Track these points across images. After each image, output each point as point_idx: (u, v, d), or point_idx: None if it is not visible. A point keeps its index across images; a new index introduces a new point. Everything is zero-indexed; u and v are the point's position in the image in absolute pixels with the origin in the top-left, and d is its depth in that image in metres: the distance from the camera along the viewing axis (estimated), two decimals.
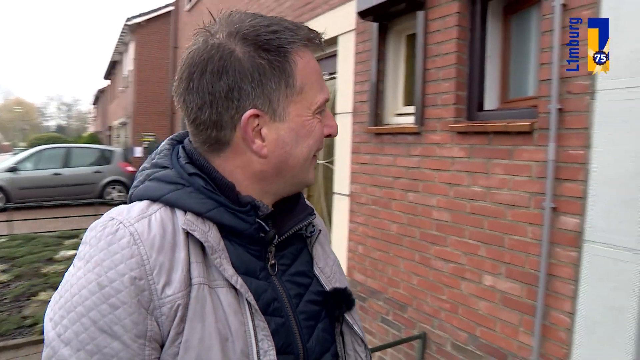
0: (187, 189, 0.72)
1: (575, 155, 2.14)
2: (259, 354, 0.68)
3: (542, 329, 2.29)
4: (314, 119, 0.76)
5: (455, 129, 2.68)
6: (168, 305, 0.65)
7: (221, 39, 0.70)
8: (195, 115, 0.72)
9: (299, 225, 0.81)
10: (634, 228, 1.94)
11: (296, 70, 0.72)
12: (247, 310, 0.69)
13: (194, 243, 0.69)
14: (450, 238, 2.76)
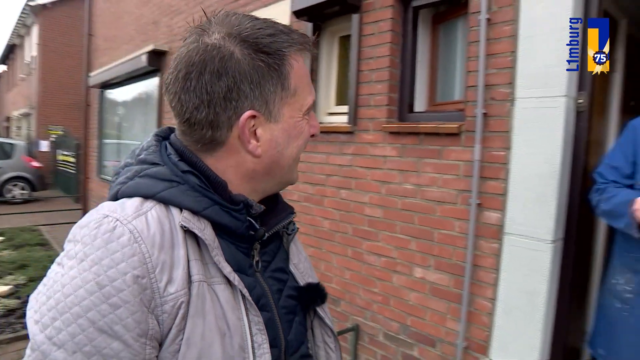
0: (182, 187, 0.72)
1: (497, 156, 2.36)
2: (253, 348, 0.70)
3: (468, 315, 2.49)
4: (303, 120, 0.79)
5: (387, 129, 2.82)
6: (171, 303, 0.65)
7: (219, 40, 0.71)
8: (191, 115, 0.72)
9: (282, 223, 0.84)
10: (546, 221, 2.18)
11: (292, 73, 0.74)
12: (242, 305, 0.71)
13: (191, 240, 0.70)
14: (382, 233, 2.90)
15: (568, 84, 2.12)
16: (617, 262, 1.98)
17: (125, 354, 0.61)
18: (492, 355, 2.40)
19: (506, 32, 2.32)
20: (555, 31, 2.14)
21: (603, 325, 2.03)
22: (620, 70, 2.73)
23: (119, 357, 0.61)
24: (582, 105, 2.18)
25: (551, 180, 2.16)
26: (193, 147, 0.76)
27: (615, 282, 1.96)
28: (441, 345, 2.62)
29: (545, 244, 2.19)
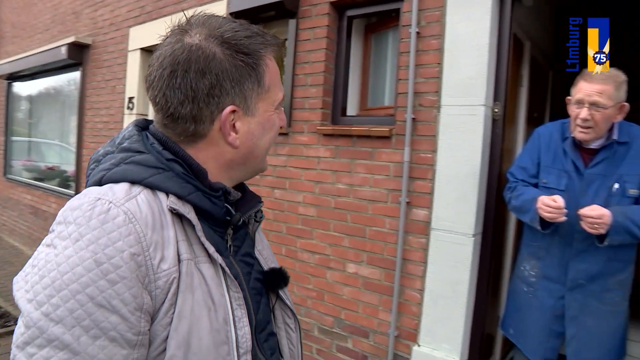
0: (167, 173, 0.77)
1: (425, 157, 2.57)
2: (234, 321, 0.78)
3: (398, 305, 2.68)
4: (274, 114, 0.88)
5: (321, 131, 2.94)
6: (164, 279, 0.70)
7: (202, 41, 0.77)
8: (175, 109, 0.78)
9: (253, 210, 0.93)
10: (468, 217, 2.43)
11: (267, 72, 0.83)
12: (224, 282, 0.79)
13: (178, 223, 0.76)
14: (316, 231, 3.02)
15: (486, 94, 2.38)
16: (525, 251, 2.26)
17: (122, 327, 0.66)
18: (420, 342, 2.60)
19: (433, 46, 2.54)
20: (475, 48, 2.39)
21: (512, 307, 2.31)
22: (526, 85, 3.08)
23: (116, 330, 0.65)
24: (497, 114, 2.46)
25: (472, 180, 2.41)
26: (175, 139, 0.81)
27: (523, 268, 2.23)
28: (374, 335, 2.79)
29: (467, 237, 2.43)
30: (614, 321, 2.09)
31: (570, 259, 2.04)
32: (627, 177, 1.96)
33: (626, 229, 1.86)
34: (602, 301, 2.05)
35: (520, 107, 3.07)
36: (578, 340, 2.08)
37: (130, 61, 4.66)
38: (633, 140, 1.99)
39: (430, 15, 2.54)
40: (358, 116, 3.04)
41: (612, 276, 2.03)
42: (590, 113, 1.90)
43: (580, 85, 1.94)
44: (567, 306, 2.08)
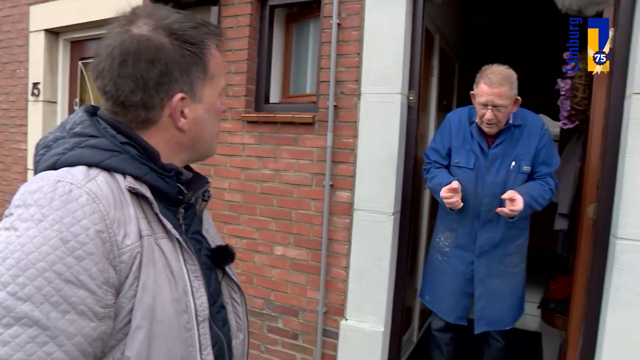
0: (123, 156, 0.82)
1: (346, 142, 2.72)
2: (193, 292, 0.84)
3: (325, 283, 2.83)
4: (218, 100, 0.94)
5: (246, 118, 2.99)
6: (128, 254, 0.75)
7: (150, 32, 0.82)
8: (126, 98, 0.82)
9: (202, 189, 0.98)
10: (387, 198, 2.62)
11: (212, 60, 0.89)
12: (181, 256, 0.85)
13: (136, 202, 0.81)
14: (243, 217, 3.08)
15: (402, 83, 2.57)
16: (440, 224, 2.51)
17: (90, 300, 0.70)
18: (348, 316, 2.78)
19: (353, 37, 2.69)
20: (391, 39, 2.57)
21: (429, 276, 2.56)
22: (436, 75, 3.34)
23: (85, 304, 0.70)
24: (412, 101, 2.66)
25: (390, 163, 2.60)
26: (127, 125, 0.86)
27: (438, 240, 2.48)
28: (303, 313, 2.92)
29: (387, 216, 2.63)
30: (514, 281, 2.39)
31: (478, 229, 2.33)
32: (522, 155, 2.28)
33: (529, 205, 2.18)
34: (504, 264, 2.35)
35: (431, 95, 3.33)
36: (484, 299, 2.37)
37: (33, 43, 4.33)
38: (526, 123, 2.31)
39: (350, 7, 2.68)
40: (281, 103, 3.13)
41: (512, 242, 2.34)
42: (494, 114, 2.19)
43: (482, 89, 2.20)
44: (475, 270, 2.36)
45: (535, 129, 2.32)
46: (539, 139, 2.30)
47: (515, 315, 2.44)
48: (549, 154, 2.32)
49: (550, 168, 2.31)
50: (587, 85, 2.69)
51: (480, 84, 2.22)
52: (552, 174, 2.32)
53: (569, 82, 2.73)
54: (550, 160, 2.32)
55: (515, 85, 2.21)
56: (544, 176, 2.30)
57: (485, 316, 2.38)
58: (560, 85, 2.79)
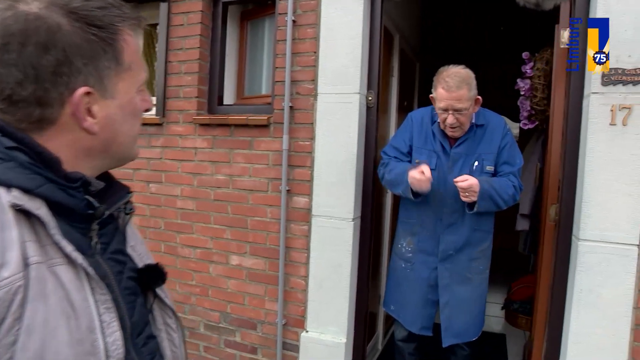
0: (8, 164, 0.66)
1: (303, 145, 2.60)
2: (102, 327, 0.69)
3: (284, 294, 2.69)
4: (137, 96, 0.79)
5: (198, 121, 2.83)
6: (5, 289, 0.59)
7: (42, 10, 0.67)
8: (13, 91, 0.66)
9: (121, 201, 0.83)
10: (346, 202, 2.51)
11: (126, 48, 0.74)
12: (87, 285, 0.69)
13: (24, 221, 0.65)
14: (196, 225, 2.90)
15: (360, 83, 2.47)
16: (401, 228, 2.41)
17: None
18: (308, 327, 2.65)
19: (309, 34, 2.57)
20: (349, 37, 2.47)
21: (392, 284, 2.45)
22: (396, 75, 3.26)
23: None
24: (371, 102, 2.57)
25: (349, 166, 2.49)
26: (16, 126, 0.69)
27: (400, 245, 2.38)
28: (262, 326, 2.77)
29: (347, 222, 2.52)
30: (479, 288, 2.32)
31: (441, 232, 2.24)
32: (485, 155, 2.21)
33: (490, 195, 2.10)
34: (469, 270, 2.27)
35: (391, 96, 3.25)
36: (450, 307, 2.28)
37: None
38: (488, 123, 2.25)
39: (306, 4, 2.56)
40: (235, 105, 2.98)
41: (476, 246, 2.26)
42: (455, 117, 2.11)
43: (440, 94, 2.12)
44: (439, 276, 2.27)
45: (497, 128, 2.26)
46: (501, 138, 2.25)
47: (481, 325, 2.36)
48: (511, 153, 2.26)
49: (512, 167, 2.25)
50: (546, 85, 2.66)
51: (438, 88, 2.14)
52: (516, 173, 2.25)
53: (528, 82, 2.70)
54: (512, 159, 2.26)
55: (474, 85, 2.15)
56: (506, 175, 2.24)
57: (452, 328, 2.29)
58: (519, 85, 2.75)
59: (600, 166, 2.09)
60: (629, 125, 2.06)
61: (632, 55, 2.02)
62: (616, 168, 2.07)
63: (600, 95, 2.08)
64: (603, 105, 2.08)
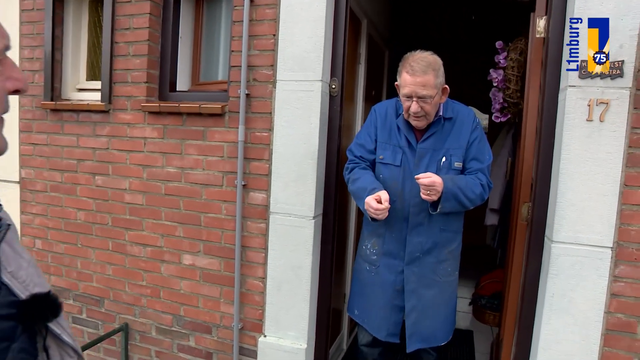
0: None
1: (260, 136, 2.39)
2: None
3: (241, 296, 2.51)
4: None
5: (147, 108, 2.59)
6: None
7: None
8: None
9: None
10: (306, 199, 2.32)
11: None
12: None
13: None
14: (146, 221, 2.68)
15: (323, 69, 2.27)
16: (366, 230, 2.24)
17: None
18: (266, 332, 2.47)
19: (268, 15, 2.35)
20: (311, 20, 2.26)
21: (357, 288, 2.29)
22: (363, 63, 3.07)
23: None
24: (334, 90, 2.37)
25: (310, 160, 2.30)
26: None
27: (365, 247, 2.21)
28: (217, 330, 2.58)
29: (307, 220, 2.34)
30: (447, 291, 2.17)
31: (408, 234, 2.08)
32: (453, 150, 2.05)
33: (454, 195, 1.93)
34: (436, 272, 2.11)
35: (358, 85, 3.06)
36: (417, 311, 2.13)
37: None
38: (457, 116, 2.08)
39: None
40: (190, 92, 2.74)
41: (444, 247, 2.11)
42: (420, 106, 1.93)
43: (404, 78, 1.94)
44: (405, 280, 2.11)
45: (466, 121, 2.09)
46: (470, 131, 2.08)
47: (450, 329, 2.23)
48: (480, 149, 2.10)
49: (482, 164, 2.09)
50: (520, 77, 2.52)
51: (402, 73, 1.96)
52: (485, 170, 2.09)
53: (501, 72, 2.55)
54: (482, 155, 2.09)
55: (442, 72, 1.97)
56: (475, 172, 2.09)
57: (418, 332, 2.14)
58: (492, 76, 2.60)
59: (575, 164, 1.96)
60: (606, 122, 1.93)
61: (611, 48, 1.89)
62: (592, 167, 1.94)
63: (577, 89, 1.95)
64: (580, 100, 1.95)
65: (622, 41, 1.90)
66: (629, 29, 1.88)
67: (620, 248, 1.94)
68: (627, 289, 1.95)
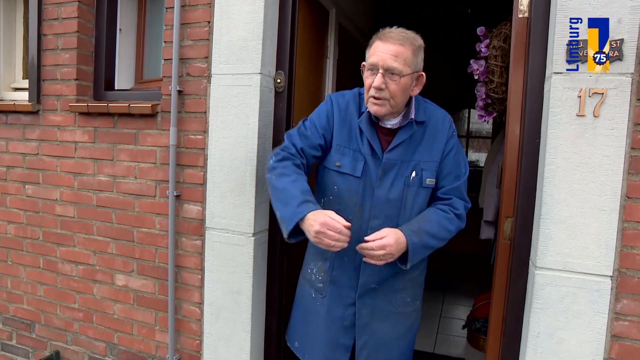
0: None
1: (195, 140, 2.06)
2: None
3: (176, 323, 2.17)
4: None
5: (76, 108, 2.29)
6: None
7: None
8: None
9: None
10: (245, 212, 1.97)
11: None
12: None
13: None
14: (78, 236, 2.37)
15: (263, 61, 1.93)
16: (311, 249, 1.85)
17: None
18: None
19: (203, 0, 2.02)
20: (248, 2, 1.92)
21: (299, 315, 1.89)
22: (332, 57, 2.71)
23: None
24: (280, 85, 2.02)
25: (248, 166, 1.95)
26: None
27: (310, 270, 1.82)
28: None
29: (247, 237, 1.98)
30: (405, 324, 1.77)
31: (362, 261, 1.65)
32: (425, 164, 1.61)
33: (424, 245, 1.55)
34: (392, 302, 1.72)
35: (326, 81, 2.70)
36: (369, 349, 1.73)
37: None
38: (429, 120, 1.64)
39: None
40: (131, 90, 2.43)
41: (406, 274, 1.71)
42: (385, 81, 1.50)
43: (375, 46, 1.52)
44: (357, 314, 1.72)
45: (441, 127, 1.65)
46: (445, 141, 1.64)
47: None
48: (457, 161, 1.67)
49: (458, 180, 1.66)
50: (505, 68, 2.12)
51: (374, 42, 1.54)
52: (462, 188, 1.66)
53: (483, 63, 2.15)
54: (458, 169, 1.66)
55: (421, 55, 1.55)
56: (448, 196, 1.64)
57: None
58: (473, 68, 2.20)
59: (564, 171, 1.57)
60: (601, 117, 1.54)
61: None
62: (584, 174, 1.55)
63: (564, 77, 1.56)
64: (568, 90, 1.56)
65: (621, 14, 1.50)
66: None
67: (623, 277, 1.53)
68: (633, 329, 1.53)
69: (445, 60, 5.09)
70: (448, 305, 4.07)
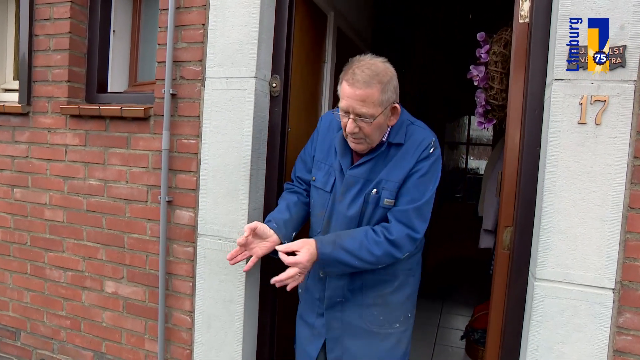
0: None
1: (188, 144, 2.01)
2: None
3: (166, 332, 2.11)
4: None
5: (67, 111, 2.24)
6: None
7: None
8: None
9: None
10: (238, 219, 1.92)
11: None
12: None
13: None
14: (67, 241, 2.32)
15: (258, 64, 1.89)
16: None
17: None
18: None
19: (197, 1, 1.99)
20: (244, 5, 1.88)
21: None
22: (330, 61, 2.68)
23: None
24: (275, 89, 1.98)
25: (242, 172, 1.90)
26: None
27: None
28: None
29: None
30: (384, 345, 1.67)
31: (328, 274, 1.63)
32: (387, 183, 1.55)
33: (338, 260, 1.51)
34: (363, 319, 1.64)
35: (324, 86, 2.66)
36: None
37: None
38: (407, 141, 1.58)
39: None
40: (125, 93, 2.38)
41: (373, 290, 1.63)
42: (357, 125, 1.46)
43: (343, 89, 1.47)
44: (327, 326, 1.67)
45: (415, 148, 1.57)
46: (414, 162, 1.56)
47: None
48: (418, 184, 1.56)
49: (411, 204, 1.55)
50: (505, 74, 2.09)
51: (342, 81, 1.49)
52: (411, 214, 1.55)
53: (483, 69, 2.12)
54: (416, 193, 1.55)
55: (392, 87, 1.48)
56: (391, 217, 1.57)
57: None
58: (473, 74, 2.17)
59: (564, 180, 1.53)
60: (603, 125, 1.50)
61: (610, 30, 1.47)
62: (586, 183, 1.51)
63: (565, 83, 1.53)
64: (570, 97, 1.52)
65: (624, 20, 1.47)
66: (632, 4, 1.45)
67: (625, 290, 1.49)
68: (636, 344, 1.49)
69: (445, 61, 5.07)
70: (447, 315, 4.01)
